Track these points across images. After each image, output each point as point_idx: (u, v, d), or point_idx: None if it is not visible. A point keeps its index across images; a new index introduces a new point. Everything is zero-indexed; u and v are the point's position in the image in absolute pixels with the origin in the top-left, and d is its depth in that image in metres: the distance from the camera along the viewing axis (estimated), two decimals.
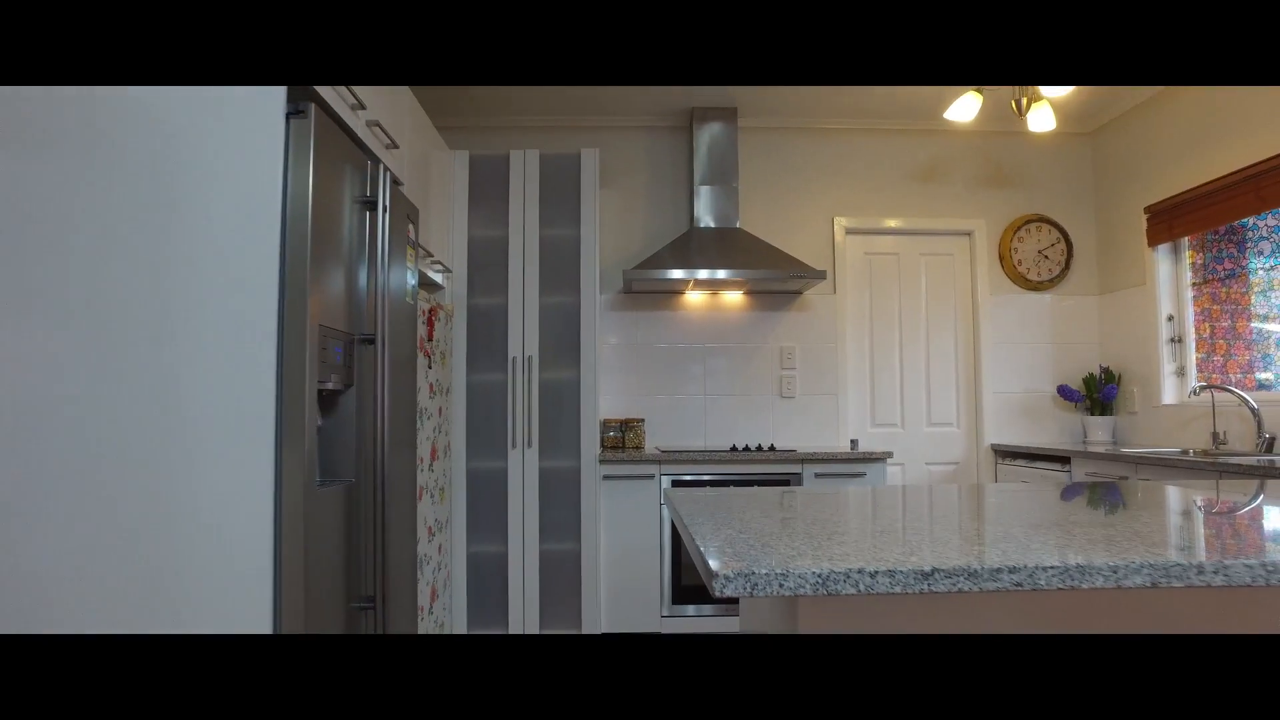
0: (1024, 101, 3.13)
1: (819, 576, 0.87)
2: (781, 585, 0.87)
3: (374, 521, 2.13)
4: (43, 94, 1.70)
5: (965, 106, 3.23)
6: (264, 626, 1.67)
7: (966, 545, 1.02)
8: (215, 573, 1.65)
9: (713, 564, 0.90)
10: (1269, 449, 3.09)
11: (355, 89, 2.22)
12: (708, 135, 4.01)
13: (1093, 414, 4.02)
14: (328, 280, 1.87)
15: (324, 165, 1.85)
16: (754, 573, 0.87)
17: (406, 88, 2.92)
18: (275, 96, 1.74)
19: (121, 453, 1.66)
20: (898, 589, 0.87)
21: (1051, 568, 0.90)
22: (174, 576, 1.65)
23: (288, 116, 1.76)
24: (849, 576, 0.88)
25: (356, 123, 2.28)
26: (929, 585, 0.88)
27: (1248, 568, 0.91)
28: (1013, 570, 0.89)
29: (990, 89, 3.78)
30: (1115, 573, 0.90)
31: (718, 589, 0.86)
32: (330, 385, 1.90)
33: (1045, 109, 3.17)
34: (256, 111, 1.74)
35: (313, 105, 1.79)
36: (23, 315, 1.67)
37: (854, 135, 4.23)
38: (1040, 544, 1.03)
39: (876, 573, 0.88)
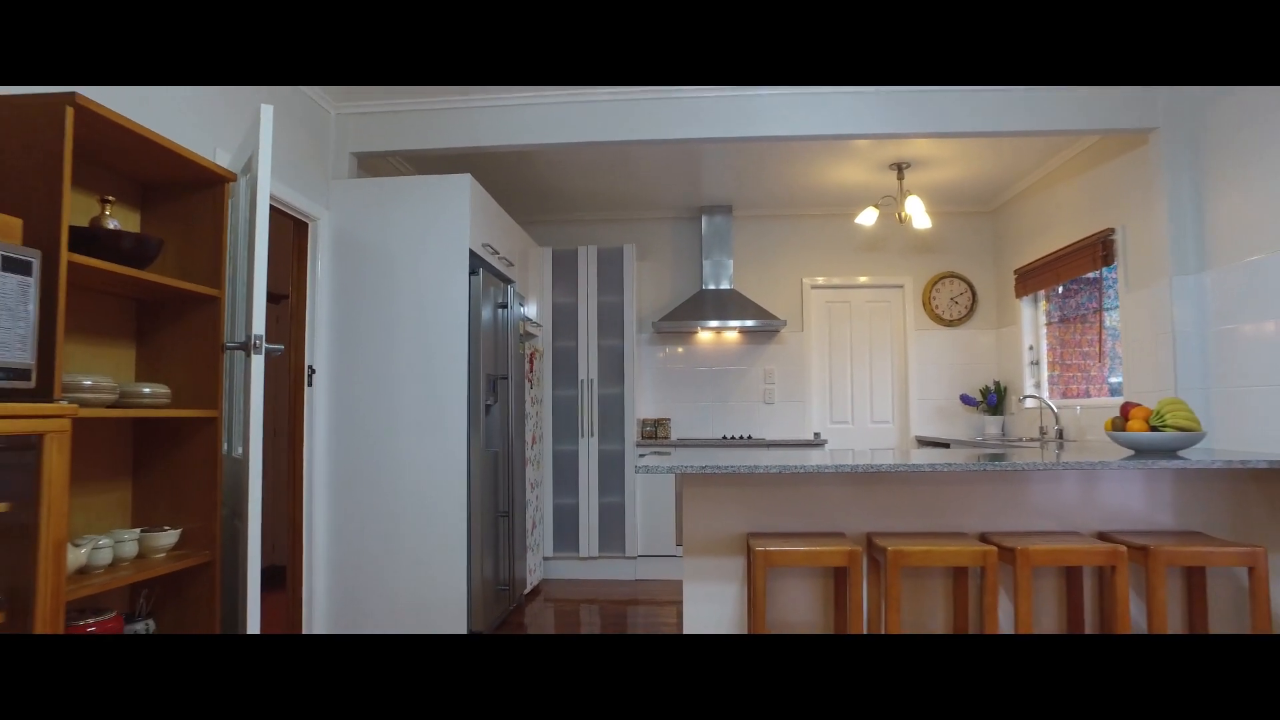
0: (900, 214, 4.89)
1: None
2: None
3: (507, 472, 4.08)
4: (376, 259, 3.72)
5: (867, 216, 5.00)
6: (461, 514, 3.63)
7: (771, 461, 2.86)
8: (445, 484, 3.62)
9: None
10: (1059, 436, 4.76)
11: (497, 247, 4.18)
12: (711, 223, 5.85)
13: (988, 414, 5.69)
14: (486, 348, 3.83)
15: (485, 295, 3.81)
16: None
17: (522, 230, 4.87)
18: (463, 267, 3.70)
19: (419, 428, 3.66)
20: (692, 472, 2.73)
21: (742, 464, 2.73)
22: (431, 483, 3.63)
23: (470, 275, 3.72)
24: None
25: (495, 259, 4.24)
26: (704, 470, 2.73)
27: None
28: (724, 467, 2.73)
29: (883, 207, 5.51)
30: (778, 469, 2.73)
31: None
32: (489, 402, 3.85)
33: (920, 217, 4.89)
34: (457, 274, 3.70)
35: (481, 268, 3.75)
36: (388, 369, 3.69)
37: (816, 219, 6.01)
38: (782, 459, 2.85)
39: (686, 466, 2.73)
